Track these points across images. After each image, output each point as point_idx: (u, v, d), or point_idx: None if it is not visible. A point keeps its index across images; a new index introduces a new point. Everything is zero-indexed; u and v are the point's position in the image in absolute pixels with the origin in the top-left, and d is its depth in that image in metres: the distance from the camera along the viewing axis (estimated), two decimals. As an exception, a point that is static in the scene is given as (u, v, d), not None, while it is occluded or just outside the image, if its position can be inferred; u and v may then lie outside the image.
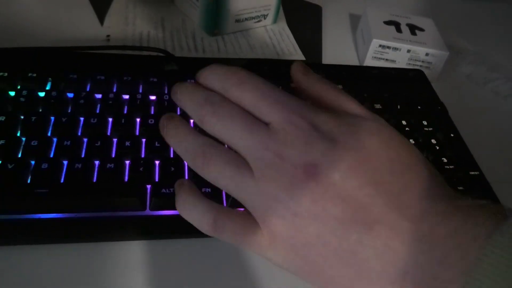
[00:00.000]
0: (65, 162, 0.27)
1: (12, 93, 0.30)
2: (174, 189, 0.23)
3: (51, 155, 0.27)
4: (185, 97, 0.23)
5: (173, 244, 0.26)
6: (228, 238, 0.21)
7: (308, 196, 0.19)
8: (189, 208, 0.22)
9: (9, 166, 0.26)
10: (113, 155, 0.28)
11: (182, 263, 0.26)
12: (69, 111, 0.30)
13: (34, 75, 0.31)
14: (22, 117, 0.29)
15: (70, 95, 0.31)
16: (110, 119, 0.30)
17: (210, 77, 0.23)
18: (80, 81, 0.32)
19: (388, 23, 0.47)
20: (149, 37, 0.44)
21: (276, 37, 0.48)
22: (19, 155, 0.27)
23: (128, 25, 0.46)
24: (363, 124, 0.21)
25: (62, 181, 0.26)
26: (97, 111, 0.30)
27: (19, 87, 0.31)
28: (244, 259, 0.26)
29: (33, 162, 0.26)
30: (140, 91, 0.32)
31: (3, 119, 0.28)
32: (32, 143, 0.27)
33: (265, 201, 0.20)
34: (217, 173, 0.21)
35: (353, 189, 0.19)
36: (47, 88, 0.31)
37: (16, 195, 0.25)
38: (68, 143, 0.27)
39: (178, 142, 0.22)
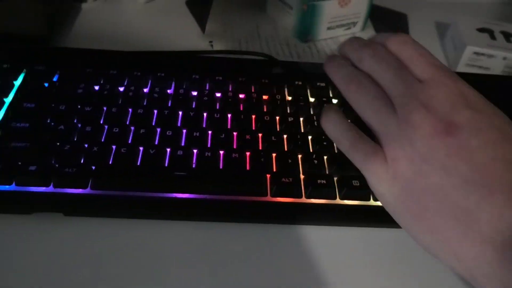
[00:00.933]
0: (195, 151, 0.30)
1: (145, 90, 0.34)
2: (323, 109, 0.27)
3: (183, 144, 0.31)
4: (348, 44, 0.27)
5: (292, 229, 0.29)
6: (358, 158, 0.24)
7: (443, 149, 0.21)
8: (334, 125, 0.25)
9: (151, 151, 0.30)
10: (235, 147, 0.31)
11: (299, 249, 0.28)
12: (194, 107, 0.34)
13: (163, 74, 0.35)
14: (155, 111, 0.33)
15: (194, 93, 0.35)
16: (229, 115, 0.33)
17: (375, 37, 0.27)
18: (201, 81, 0.35)
19: (481, 30, 0.47)
20: (247, 43, 0.48)
21: (366, 44, 0.49)
22: (156, 143, 0.31)
23: (226, 32, 0.49)
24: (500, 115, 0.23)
25: (194, 166, 0.30)
26: (218, 108, 0.34)
27: (149, 84, 0.35)
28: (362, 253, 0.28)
29: (168, 149, 0.30)
30: (253, 90, 0.36)
31: (141, 112, 0.32)
32: (167, 133, 0.31)
33: (400, 142, 0.22)
34: (366, 102, 0.24)
35: (487, 158, 0.20)
36: (173, 86, 0.35)
37: (158, 176, 0.28)
38: (197, 134, 0.31)
39: (337, 69, 0.26)
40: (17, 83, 0.34)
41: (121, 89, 0.34)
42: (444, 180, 0.21)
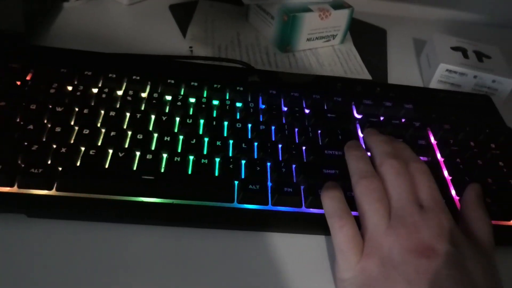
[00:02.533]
0: (165, 155, 0.31)
1: (119, 92, 0.34)
2: (325, 184, 0.29)
3: (153, 148, 0.31)
4: (376, 141, 0.31)
5: (256, 236, 0.29)
6: (340, 238, 0.26)
7: (415, 266, 0.24)
8: (332, 201, 0.28)
9: (120, 155, 0.30)
10: (205, 153, 0.31)
11: (262, 255, 0.28)
12: (167, 111, 0.34)
13: (138, 78, 0.36)
14: (128, 113, 0.33)
15: (168, 97, 0.35)
16: (202, 121, 0.33)
17: (402, 148, 0.31)
18: (176, 86, 0.36)
19: (455, 48, 0.48)
20: (227, 50, 0.48)
21: (344, 57, 0.50)
22: (126, 146, 0.31)
23: (207, 38, 0.50)
24: (484, 259, 0.26)
25: (162, 171, 0.30)
26: (191, 113, 0.34)
27: (124, 87, 0.35)
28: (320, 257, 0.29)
29: (138, 153, 0.30)
30: (228, 97, 0.36)
31: (113, 114, 0.32)
32: (138, 137, 0.31)
33: (381, 243, 0.25)
34: (369, 200, 0.27)
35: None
36: (148, 90, 0.35)
37: (125, 179, 0.28)
38: (168, 139, 0.31)
39: (357, 159, 0.29)
40: (-11, 80, 0.34)
41: (95, 90, 0.34)
42: None
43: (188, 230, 0.29)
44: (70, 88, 0.34)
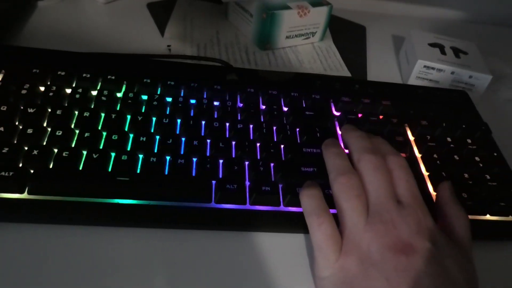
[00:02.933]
0: (141, 156, 0.30)
1: (94, 92, 0.34)
2: (305, 183, 0.29)
3: (128, 149, 0.30)
4: (353, 137, 0.31)
5: (234, 236, 0.29)
6: (318, 236, 0.26)
7: (394, 263, 0.24)
8: (310, 199, 0.27)
9: (94, 156, 0.29)
10: (182, 152, 0.31)
11: (242, 255, 0.28)
12: (143, 111, 0.33)
13: (113, 77, 0.35)
14: (102, 114, 0.32)
15: (144, 97, 0.34)
16: (179, 120, 0.33)
17: (379, 143, 0.31)
18: (153, 86, 0.35)
19: (433, 45, 0.49)
20: (206, 49, 0.48)
21: (323, 54, 0.51)
22: (101, 147, 0.30)
23: (186, 36, 0.49)
24: (461, 256, 0.26)
25: (138, 171, 0.29)
26: (168, 113, 0.33)
27: (99, 87, 0.35)
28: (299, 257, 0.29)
29: (113, 154, 0.30)
30: (205, 96, 0.36)
31: (87, 115, 0.32)
32: (112, 137, 0.30)
33: (360, 241, 0.25)
34: (346, 197, 0.27)
35: (427, 286, 0.23)
36: (123, 90, 0.35)
37: (100, 181, 0.28)
38: (144, 139, 0.31)
39: (335, 156, 0.29)
40: (-43, 81, 0.33)
41: (68, 91, 0.33)
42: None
43: (165, 232, 0.28)
44: (42, 88, 0.33)
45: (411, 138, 0.37)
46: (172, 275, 0.26)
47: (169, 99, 0.34)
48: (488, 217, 0.32)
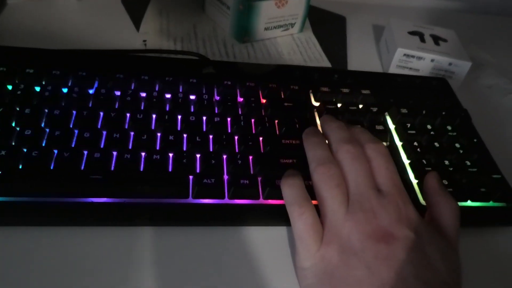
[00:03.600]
0: (115, 153, 0.29)
1: (65, 90, 0.33)
2: (286, 172, 0.28)
3: (102, 146, 0.29)
4: (331, 128, 0.30)
5: (213, 231, 0.28)
6: (299, 226, 0.26)
7: (374, 251, 0.24)
8: (291, 189, 0.27)
9: (65, 154, 0.28)
10: (158, 148, 0.30)
11: (221, 250, 0.28)
12: (116, 107, 0.32)
13: (84, 74, 0.34)
14: (74, 111, 0.31)
15: (117, 93, 0.33)
16: (154, 116, 0.32)
17: (357, 132, 0.30)
18: (126, 81, 0.34)
19: (412, 33, 0.49)
20: (183, 43, 0.47)
21: (303, 45, 0.50)
22: (73, 145, 0.29)
23: (162, 31, 0.48)
24: (443, 243, 0.26)
25: (112, 169, 0.28)
26: (142, 108, 0.33)
27: (70, 84, 0.33)
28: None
29: (86, 152, 0.29)
30: (181, 90, 0.35)
31: (58, 113, 0.31)
32: (84, 135, 0.29)
33: (340, 230, 0.25)
34: (327, 187, 0.26)
35: (408, 273, 0.23)
36: (96, 86, 0.34)
37: (72, 180, 0.27)
38: (118, 135, 0.30)
39: (314, 146, 0.29)
40: None
41: (38, 89, 0.32)
42: (365, 277, 0.23)
43: (142, 229, 0.28)
44: (10, 87, 0.32)
45: (392, 126, 0.37)
46: (151, 273, 0.26)
47: (143, 94, 0.33)
48: (469, 203, 0.32)
